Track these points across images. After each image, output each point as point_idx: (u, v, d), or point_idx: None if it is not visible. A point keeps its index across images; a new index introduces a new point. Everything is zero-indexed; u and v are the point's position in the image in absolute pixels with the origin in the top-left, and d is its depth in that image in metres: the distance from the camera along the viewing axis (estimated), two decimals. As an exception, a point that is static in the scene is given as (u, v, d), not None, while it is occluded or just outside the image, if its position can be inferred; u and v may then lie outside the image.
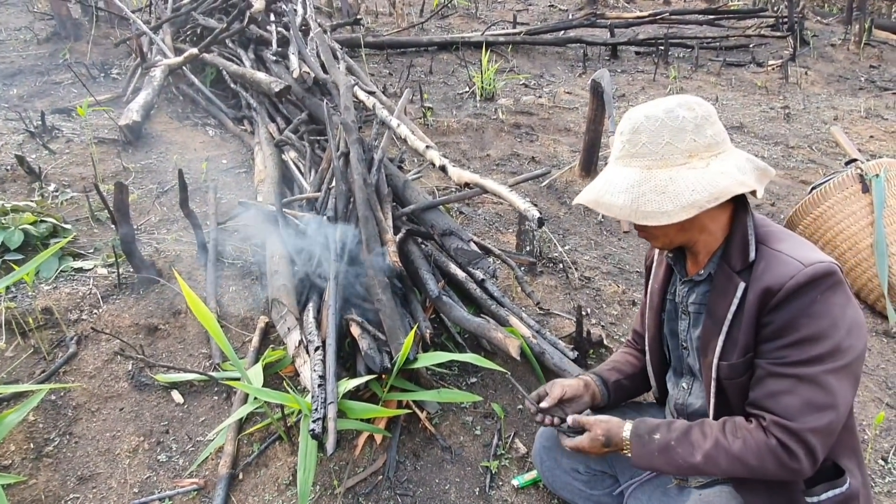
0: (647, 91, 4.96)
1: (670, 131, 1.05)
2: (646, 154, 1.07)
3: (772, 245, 1.09)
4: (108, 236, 2.32)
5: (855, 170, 2.54)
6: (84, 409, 1.68)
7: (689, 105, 1.07)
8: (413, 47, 5.43)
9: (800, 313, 1.03)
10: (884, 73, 5.66)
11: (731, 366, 1.13)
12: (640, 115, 1.08)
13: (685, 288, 1.25)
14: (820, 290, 1.02)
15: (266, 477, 1.54)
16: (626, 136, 1.10)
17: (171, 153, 3.07)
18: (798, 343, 1.03)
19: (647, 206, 1.04)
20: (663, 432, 1.15)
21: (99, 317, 1.91)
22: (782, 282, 1.03)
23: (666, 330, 1.33)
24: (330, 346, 1.58)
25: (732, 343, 1.12)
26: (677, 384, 1.33)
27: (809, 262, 1.03)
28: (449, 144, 3.60)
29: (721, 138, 1.08)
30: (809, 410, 1.03)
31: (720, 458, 1.08)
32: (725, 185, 1.03)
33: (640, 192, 1.05)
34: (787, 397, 1.04)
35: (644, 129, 1.07)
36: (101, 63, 4.29)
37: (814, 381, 1.03)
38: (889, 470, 1.76)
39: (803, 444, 1.03)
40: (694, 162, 1.05)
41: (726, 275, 1.13)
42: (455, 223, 2.05)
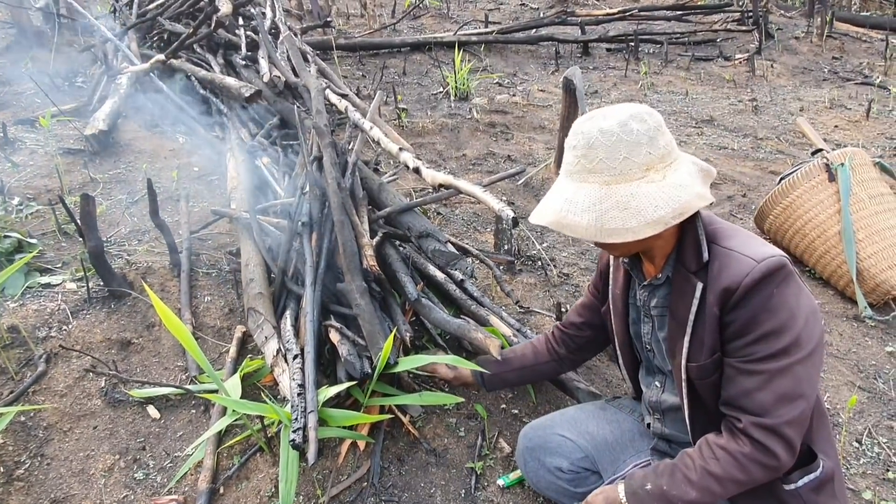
0: (618, 87, 5.02)
1: (626, 146, 1.04)
2: (603, 170, 1.04)
3: (722, 243, 1.11)
4: (76, 250, 2.26)
5: (821, 159, 2.61)
6: (55, 430, 1.63)
7: (641, 117, 1.06)
8: (386, 48, 5.40)
9: (759, 309, 1.05)
10: (846, 65, 5.83)
11: (700, 367, 1.14)
12: (594, 130, 1.05)
13: (645, 292, 1.26)
14: (775, 283, 1.05)
15: (248, 490, 1.51)
16: (580, 150, 1.06)
17: (140, 162, 3.00)
18: (762, 338, 1.06)
19: (610, 224, 1.03)
20: (652, 480, 1.15)
21: (69, 333, 1.85)
22: (738, 280, 1.05)
23: (632, 333, 1.35)
24: (309, 353, 1.56)
25: (698, 343, 1.13)
26: (650, 384, 1.35)
27: (761, 257, 1.05)
28: (424, 145, 3.59)
29: (672, 147, 1.09)
30: (782, 403, 1.04)
31: (712, 485, 1.09)
32: (687, 201, 1.03)
33: (602, 209, 1.03)
34: (760, 394, 1.06)
35: (600, 145, 1.04)
36: (64, 72, 4.17)
37: (782, 374, 1.05)
38: (863, 451, 1.81)
39: (780, 438, 1.05)
40: (651, 175, 1.04)
41: (683, 276, 1.15)
42: (432, 225, 2.04)
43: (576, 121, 1.11)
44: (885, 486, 1.69)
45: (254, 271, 1.97)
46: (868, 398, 2.04)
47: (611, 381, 1.94)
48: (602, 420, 1.47)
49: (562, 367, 1.59)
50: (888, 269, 2.45)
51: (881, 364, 2.21)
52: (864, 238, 2.49)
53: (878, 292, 2.47)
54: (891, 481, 1.70)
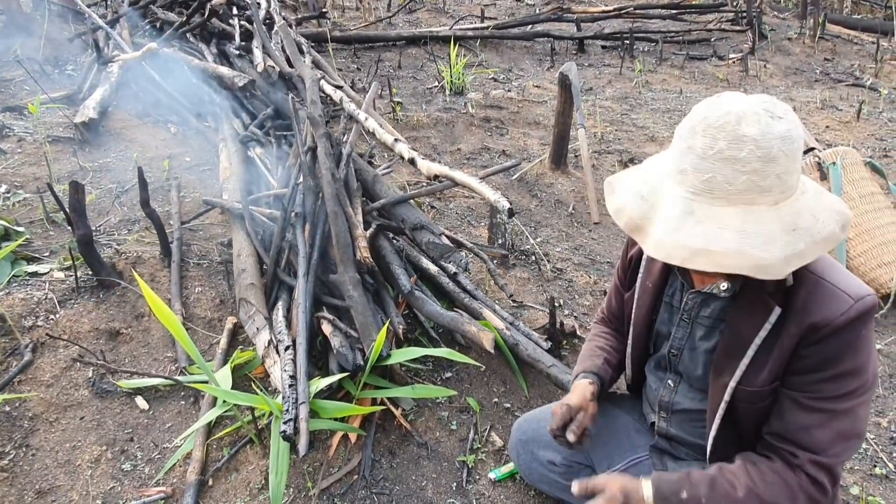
0: (613, 84, 5.03)
1: (797, 152, 0.89)
2: (773, 187, 0.87)
3: (811, 269, 0.98)
4: (64, 238, 2.22)
5: (813, 158, 2.62)
6: (41, 420, 1.60)
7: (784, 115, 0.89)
8: (381, 42, 5.37)
9: (844, 349, 0.97)
10: (837, 66, 5.87)
11: (754, 392, 1.05)
12: (771, 136, 0.86)
13: (697, 299, 1.14)
14: (864, 323, 0.97)
15: (237, 482, 1.50)
16: (752, 164, 0.86)
17: (130, 151, 2.95)
18: (836, 377, 0.98)
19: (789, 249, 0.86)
20: (689, 488, 1.03)
21: (56, 322, 1.82)
22: (832, 317, 0.95)
23: (656, 330, 1.26)
24: (300, 345, 1.54)
25: (757, 368, 1.04)
26: (662, 379, 1.28)
27: (857, 295, 0.96)
28: (419, 139, 3.58)
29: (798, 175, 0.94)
30: (840, 442, 0.99)
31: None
32: (845, 212, 0.93)
33: (787, 240, 0.87)
34: (819, 431, 0.99)
35: (780, 156, 0.86)
36: (54, 59, 4.10)
37: (847, 415, 0.99)
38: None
39: (832, 476, 1.01)
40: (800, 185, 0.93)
41: (756, 294, 1.03)
42: (426, 217, 2.03)
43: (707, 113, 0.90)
44: (873, 481, 1.71)
45: (246, 262, 1.95)
46: (856, 395, 2.06)
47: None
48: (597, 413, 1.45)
49: None
50: (877, 267, 2.47)
51: (869, 361, 2.23)
52: (854, 237, 2.51)
53: (867, 291, 2.49)
54: (878, 477, 1.72)
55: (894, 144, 4.06)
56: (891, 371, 2.19)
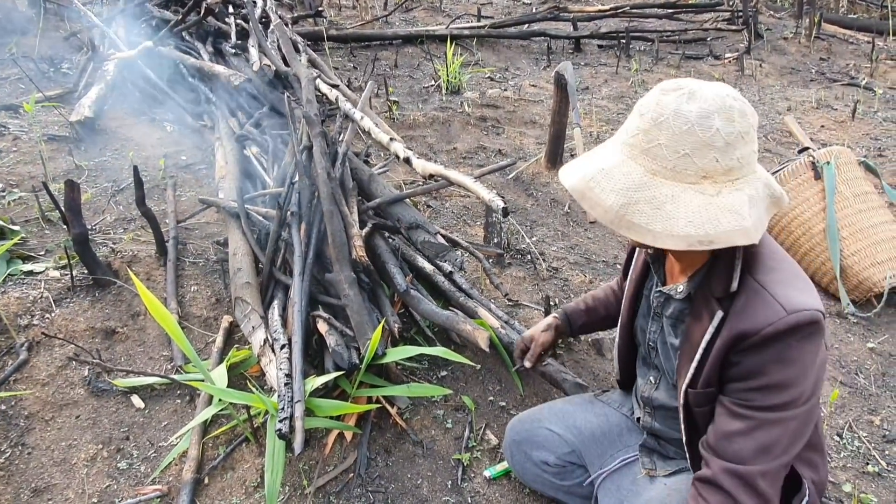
0: (609, 84, 5.03)
1: (694, 143, 0.88)
2: (657, 156, 0.91)
3: (757, 275, 0.99)
4: (59, 237, 2.22)
5: (807, 158, 2.64)
6: (37, 419, 1.60)
7: (730, 114, 0.89)
8: (377, 41, 5.37)
9: (771, 359, 0.95)
10: (833, 66, 5.89)
11: (696, 394, 1.07)
12: (670, 108, 0.90)
13: (661, 298, 1.18)
14: (796, 337, 0.94)
15: (233, 480, 1.50)
16: (644, 123, 0.92)
17: (126, 150, 2.95)
18: (764, 388, 0.97)
19: (634, 217, 0.90)
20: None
21: (51, 321, 1.82)
22: (760, 327, 0.94)
23: (636, 323, 1.30)
24: (296, 343, 1.55)
25: (700, 371, 1.05)
26: (645, 375, 1.31)
27: (793, 308, 0.93)
28: (415, 138, 3.58)
29: (746, 162, 0.92)
30: (762, 454, 0.97)
31: None
32: (726, 230, 0.88)
33: (634, 198, 0.91)
34: (742, 440, 0.98)
35: (667, 127, 0.89)
36: (50, 57, 4.09)
37: (772, 425, 0.97)
38: (844, 445, 1.84)
39: (752, 489, 0.98)
40: (705, 185, 0.90)
41: (705, 299, 1.04)
42: (422, 216, 2.04)
43: (664, 83, 0.94)
44: (865, 479, 1.72)
45: (241, 261, 1.96)
46: (849, 393, 2.07)
47: (598, 375, 1.96)
48: (590, 414, 1.46)
49: None
50: (871, 266, 2.49)
51: (862, 360, 2.25)
52: (847, 236, 2.53)
53: (860, 289, 2.51)
54: (870, 474, 1.73)
55: (889, 144, 4.08)
56: (883, 370, 2.20)
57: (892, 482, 1.71)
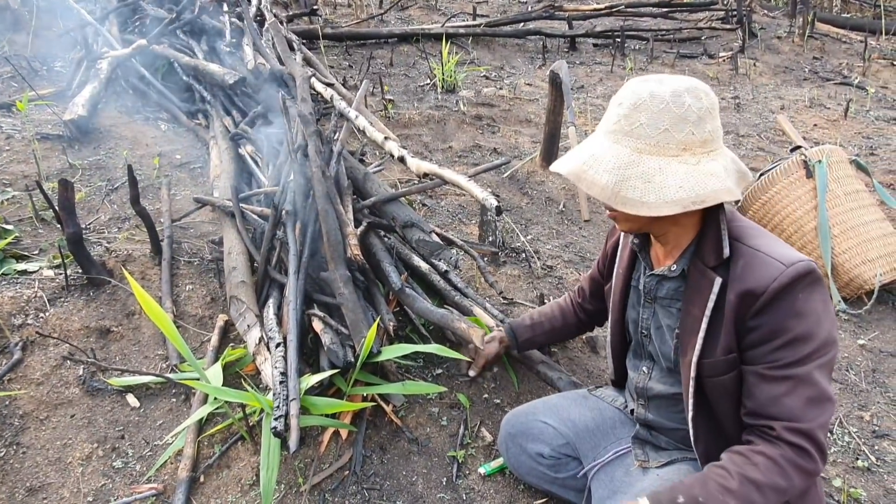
0: (604, 82, 5.05)
1: (671, 118, 1.00)
2: (640, 136, 1.01)
3: (747, 241, 1.07)
4: (53, 236, 2.21)
5: (799, 156, 2.66)
6: (32, 418, 1.60)
7: (697, 93, 1.01)
8: (373, 39, 5.36)
9: (787, 315, 1.02)
10: (826, 65, 5.93)
11: (713, 363, 1.10)
12: (645, 92, 1.01)
13: (653, 281, 1.23)
14: (801, 288, 1.02)
15: (228, 478, 1.51)
16: (624, 109, 1.03)
17: (120, 149, 2.94)
18: (789, 344, 1.02)
19: (629, 192, 1.00)
20: (683, 491, 1.04)
21: (46, 321, 1.82)
22: (766, 283, 1.02)
23: (627, 315, 1.33)
24: (291, 342, 1.55)
25: (713, 340, 1.09)
26: (637, 367, 1.34)
27: (790, 261, 1.02)
28: (411, 137, 3.58)
29: (717, 135, 1.04)
30: (812, 407, 1.02)
31: (752, 494, 1.01)
32: (714, 189, 0.99)
33: (625, 175, 1.00)
34: (789, 399, 1.02)
35: (645, 108, 1.01)
36: (43, 55, 4.07)
37: (809, 379, 1.02)
38: (834, 441, 1.86)
39: (814, 442, 1.02)
40: (686, 156, 1.01)
41: (700, 271, 1.10)
42: (417, 215, 2.04)
43: (633, 79, 1.07)
44: (855, 473, 1.74)
45: (236, 260, 1.96)
46: (840, 389, 2.10)
47: (592, 372, 1.97)
48: (584, 407, 1.48)
49: (583, 328, 1.65)
50: (862, 264, 2.51)
51: (853, 356, 2.27)
52: (839, 234, 2.55)
53: (851, 287, 2.53)
54: (860, 469, 1.75)
55: (880, 142, 4.12)
56: (873, 366, 2.23)
57: (882, 477, 1.73)
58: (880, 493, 1.68)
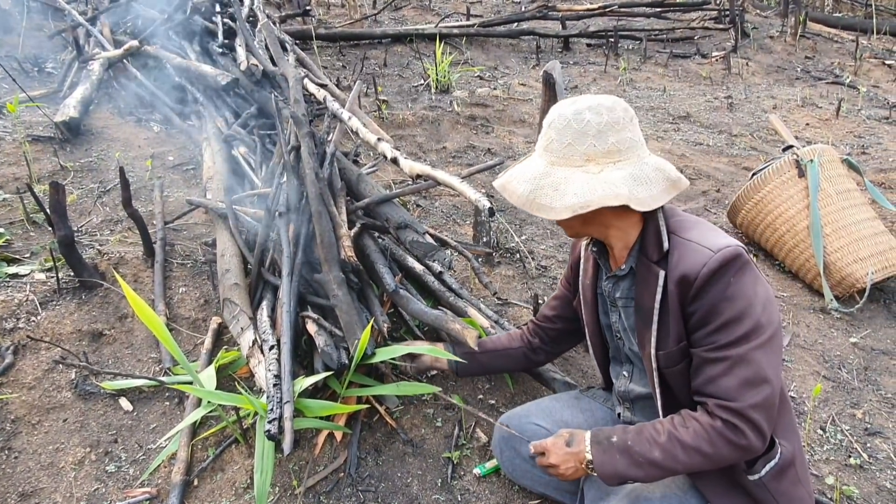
0: (598, 82, 5.06)
1: (573, 133, 1.12)
2: (553, 150, 1.14)
3: (681, 234, 1.16)
4: (45, 239, 2.20)
5: (791, 156, 2.67)
6: (24, 422, 1.59)
7: (599, 110, 1.11)
8: (367, 39, 5.35)
9: (718, 299, 1.09)
10: (818, 64, 5.96)
11: (667, 354, 1.18)
12: (556, 112, 1.15)
13: (609, 283, 1.30)
14: (731, 272, 1.09)
15: (222, 481, 1.50)
16: (544, 128, 1.17)
17: (112, 150, 2.93)
18: (723, 326, 1.10)
19: (541, 199, 1.12)
20: (619, 434, 1.19)
21: (37, 324, 1.81)
22: (696, 270, 1.10)
23: (602, 323, 1.38)
24: (285, 344, 1.55)
25: (665, 332, 1.17)
26: (619, 373, 1.39)
27: (717, 247, 1.10)
28: (405, 137, 3.58)
29: (625, 146, 1.12)
30: (747, 388, 1.08)
31: (677, 451, 1.11)
32: (599, 196, 1.08)
33: (539, 184, 1.13)
34: (724, 379, 1.10)
35: (554, 126, 1.14)
36: (34, 57, 4.04)
37: (744, 360, 1.08)
38: (827, 438, 1.88)
39: (746, 419, 1.08)
40: (590, 166, 1.11)
41: (646, 266, 1.19)
42: (410, 216, 2.04)
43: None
44: (847, 471, 1.75)
45: (230, 262, 1.95)
46: (832, 387, 2.11)
47: (586, 372, 1.97)
48: (576, 409, 1.50)
49: (535, 356, 1.62)
50: (853, 262, 2.53)
51: (845, 354, 2.29)
52: (831, 233, 2.57)
53: (843, 285, 2.55)
54: (852, 467, 1.76)
55: (872, 142, 4.14)
56: (865, 364, 2.24)
57: (874, 474, 1.74)
58: (872, 490, 1.69)
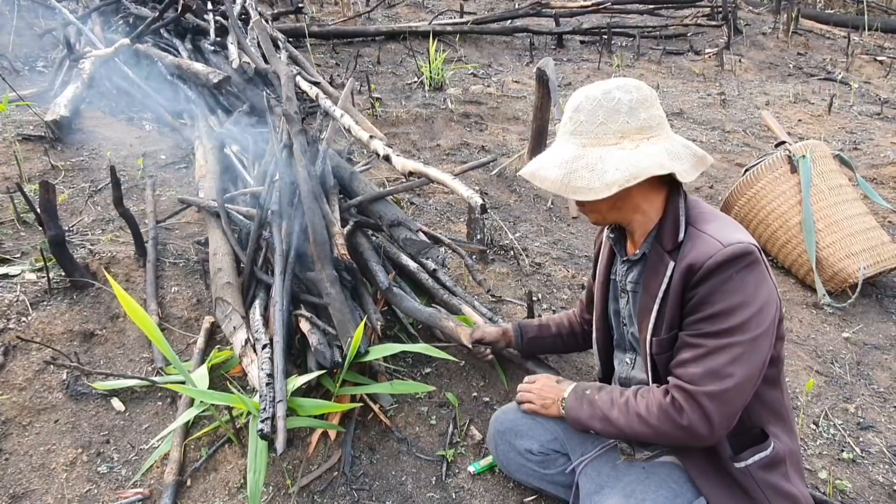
0: (592, 79, 5.06)
1: (605, 112, 1.12)
2: (583, 132, 1.13)
3: (699, 226, 1.16)
4: (35, 239, 2.18)
5: (784, 152, 2.68)
6: (14, 424, 1.58)
7: (627, 88, 1.12)
8: (360, 37, 5.33)
9: (715, 289, 1.10)
10: (810, 60, 5.99)
11: (660, 341, 1.20)
12: (582, 95, 1.15)
13: (624, 267, 1.31)
14: (736, 268, 1.09)
15: (215, 481, 1.49)
16: (568, 113, 1.16)
17: (104, 149, 2.90)
18: (711, 316, 1.11)
19: (577, 182, 1.10)
20: (593, 389, 1.30)
21: (28, 325, 1.79)
22: (703, 260, 1.10)
23: (610, 309, 1.39)
24: (278, 343, 1.54)
25: (661, 319, 1.19)
26: (622, 360, 1.39)
27: (729, 242, 1.10)
28: (399, 135, 3.57)
29: (655, 122, 1.13)
30: (709, 377, 1.10)
31: (629, 415, 1.18)
32: (645, 167, 1.08)
33: (573, 167, 1.12)
34: (693, 365, 1.12)
35: (583, 109, 1.14)
36: (24, 55, 4.00)
37: (720, 352, 1.10)
38: (820, 433, 1.89)
39: (696, 404, 1.10)
40: (625, 143, 1.11)
41: (658, 254, 1.19)
42: (403, 213, 2.04)
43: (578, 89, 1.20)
44: (840, 465, 1.76)
45: (222, 261, 1.94)
46: (825, 382, 2.12)
47: (581, 369, 1.98)
48: None
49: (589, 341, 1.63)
50: (846, 257, 2.54)
51: (838, 349, 2.30)
52: (823, 228, 2.58)
53: (835, 280, 2.56)
54: (845, 461, 1.77)
55: (864, 137, 4.16)
56: (857, 359, 2.26)
57: (867, 469, 1.75)
58: (865, 484, 1.70)
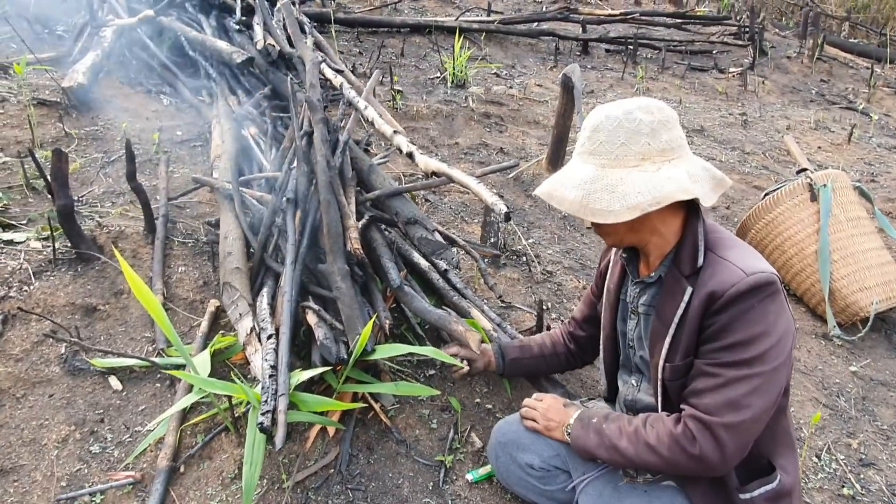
0: (615, 89, 5.01)
1: (626, 133, 1.09)
2: (602, 153, 1.11)
3: (719, 252, 1.14)
4: (43, 207, 2.15)
5: (805, 179, 2.64)
6: (8, 395, 1.55)
7: (649, 109, 1.10)
8: (385, 27, 5.29)
9: (736, 318, 1.08)
10: (832, 88, 5.93)
11: (674, 367, 1.17)
12: (602, 115, 1.12)
13: (636, 289, 1.29)
14: (758, 298, 1.08)
15: (209, 470, 1.47)
16: (587, 132, 1.14)
17: (119, 121, 2.87)
18: (730, 347, 1.09)
19: (596, 204, 1.08)
20: (599, 417, 1.28)
21: (29, 294, 1.77)
22: (725, 288, 1.08)
23: (619, 329, 1.37)
24: (283, 334, 1.51)
25: (676, 345, 1.16)
26: (627, 381, 1.38)
27: (752, 271, 1.08)
28: (418, 130, 3.53)
29: (676, 144, 1.11)
30: (727, 407, 1.08)
31: (638, 445, 1.16)
32: (669, 191, 1.06)
33: (591, 189, 1.09)
34: (710, 395, 1.10)
35: (603, 129, 1.11)
36: (45, 18, 3.96)
37: (738, 382, 1.08)
38: (822, 467, 1.86)
39: (712, 435, 1.08)
40: (646, 165, 1.09)
41: (675, 278, 1.17)
42: (420, 212, 2.00)
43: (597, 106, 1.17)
44: (840, 501, 1.73)
45: (232, 245, 1.91)
46: (830, 415, 2.09)
47: (586, 383, 1.94)
48: None
49: (572, 361, 1.64)
50: (859, 291, 2.50)
51: (844, 382, 2.27)
52: (838, 259, 2.54)
53: (847, 313, 2.53)
54: (845, 497, 1.74)
55: (881, 170, 4.12)
56: (863, 394, 2.22)
57: (868, 508, 1.72)
58: (866, 524, 1.67)
